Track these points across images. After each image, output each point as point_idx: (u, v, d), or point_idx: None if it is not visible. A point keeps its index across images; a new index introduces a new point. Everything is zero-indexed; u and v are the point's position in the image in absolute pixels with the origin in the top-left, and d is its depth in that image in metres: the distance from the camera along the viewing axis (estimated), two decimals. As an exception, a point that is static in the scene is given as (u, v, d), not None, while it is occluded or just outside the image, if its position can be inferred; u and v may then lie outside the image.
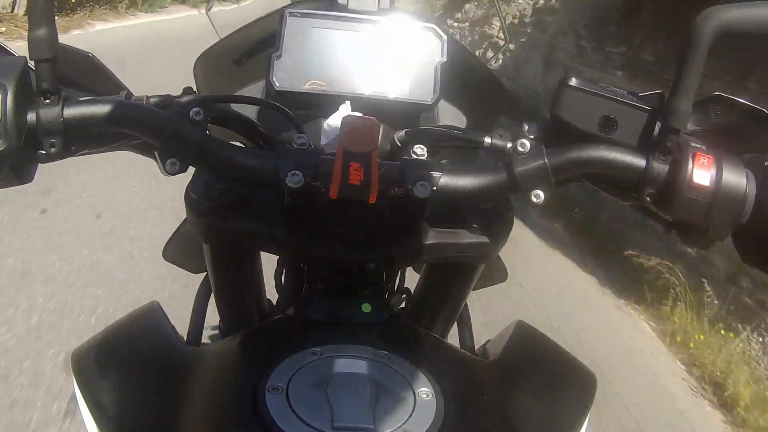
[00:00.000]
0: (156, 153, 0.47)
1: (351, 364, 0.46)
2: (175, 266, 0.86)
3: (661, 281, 3.20)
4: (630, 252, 3.49)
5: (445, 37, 0.63)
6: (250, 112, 0.61)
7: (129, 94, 0.53)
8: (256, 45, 0.70)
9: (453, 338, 0.74)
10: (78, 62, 0.54)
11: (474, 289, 0.66)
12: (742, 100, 0.52)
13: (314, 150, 0.49)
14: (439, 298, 0.64)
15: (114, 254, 2.46)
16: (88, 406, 0.49)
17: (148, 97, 0.52)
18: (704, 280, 3.23)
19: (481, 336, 0.70)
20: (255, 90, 0.69)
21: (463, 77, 0.72)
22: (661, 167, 0.47)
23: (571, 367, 0.58)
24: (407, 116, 0.62)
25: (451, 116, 0.71)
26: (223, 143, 0.48)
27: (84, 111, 0.46)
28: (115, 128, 0.47)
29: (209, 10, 0.78)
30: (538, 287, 3.04)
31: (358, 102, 0.60)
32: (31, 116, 0.44)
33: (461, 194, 0.48)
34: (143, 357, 0.55)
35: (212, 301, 0.72)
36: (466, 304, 0.72)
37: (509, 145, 0.50)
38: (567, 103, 0.49)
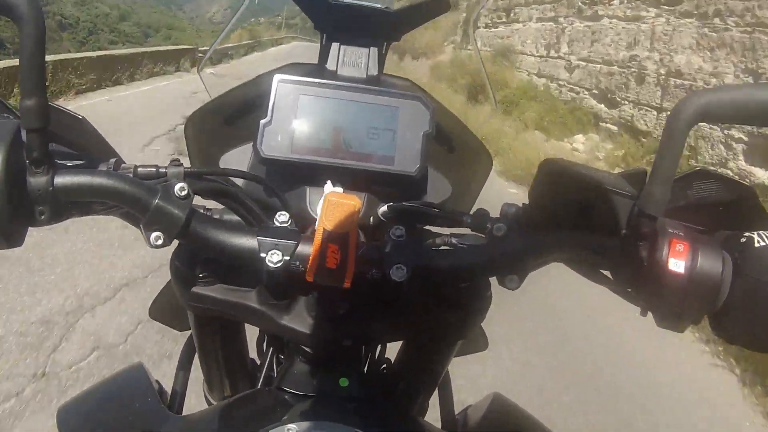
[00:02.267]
0: (141, 226, 0.47)
1: None
2: None
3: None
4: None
5: (432, 107, 0.64)
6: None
7: (119, 162, 0.54)
8: (247, 106, 0.71)
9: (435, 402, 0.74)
10: (70, 124, 0.55)
11: (455, 356, 0.66)
12: (725, 175, 0.53)
13: (294, 229, 0.50)
14: (419, 370, 0.64)
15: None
16: None
17: (136, 167, 0.53)
18: None
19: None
20: (245, 151, 0.69)
21: (450, 144, 0.73)
22: (636, 253, 0.47)
23: None
24: (392, 186, 0.63)
25: (437, 184, 0.72)
26: (206, 219, 0.49)
27: (74, 181, 0.46)
28: (103, 200, 0.48)
29: (201, 69, 0.79)
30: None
31: (343, 172, 0.61)
32: (20, 182, 0.45)
33: (437, 277, 0.49)
34: (125, 422, 0.55)
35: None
36: (447, 373, 0.72)
37: (488, 226, 0.50)
38: (545, 188, 0.50)
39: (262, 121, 0.62)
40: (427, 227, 0.67)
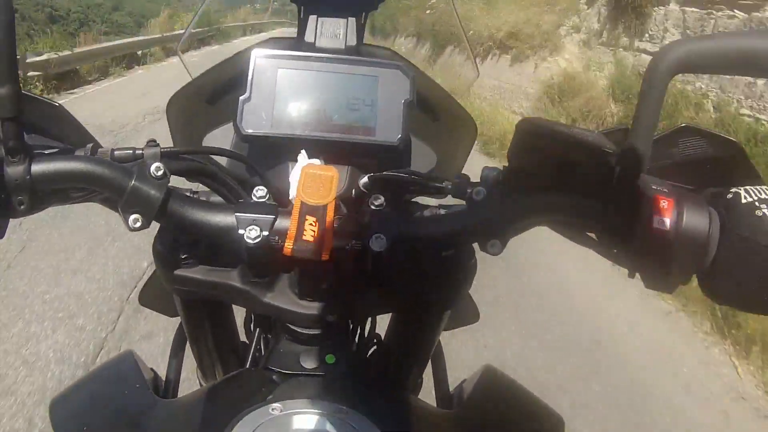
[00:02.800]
0: (119, 209, 0.47)
1: (309, 420, 0.46)
2: None
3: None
4: None
5: (412, 74, 0.63)
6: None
7: (95, 146, 0.53)
8: (227, 85, 0.70)
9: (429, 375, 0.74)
10: (45, 112, 0.55)
11: (445, 329, 0.66)
12: (711, 130, 0.52)
13: (272, 204, 0.49)
14: (409, 344, 0.64)
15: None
16: None
17: (113, 150, 0.52)
18: None
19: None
20: (227, 130, 0.69)
21: (434, 112, 0.72)
22: (620, 212, 0.46)
23: (538, 410, 0.58)
24: (375, 158, 0.62)
25: (421, 153, 0.71)
26: (184, 198, 0.49)
27: (50, 167, 0.46)
28: (81, 185, 0.48)
29: (179, 49, 0.78)
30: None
31: (325, 146, 0.60)
32: None
33: (418, 245, 0.48)
34: (117, 409, 0.56)
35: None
36: (440, 346, 0.71)
37: (468, 191, 0.50)
38: (524, 148, 0.48)
39: (241, 98, 0.61)
40: (416, 199, 0.67)
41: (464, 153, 0.74)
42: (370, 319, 0.71)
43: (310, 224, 0.45)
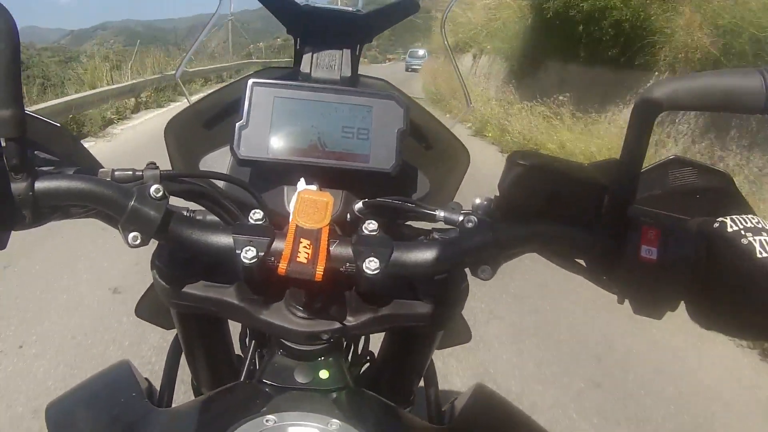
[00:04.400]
0: (119, 227, 0.49)
1: None
2: None
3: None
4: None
5: (406, 104, 0.65)
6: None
7: (97, 166, 0.55)
8: (225, 110, 0.72)
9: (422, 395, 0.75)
10: (47, 131, 0.56)
11: (438, 348, 0.67)
12: (701, 163, 0.54)
13: (268, 226, 0.51)
14: (402, 362, 0.65)
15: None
16: None
17: (113, 171, 0.54)
18: None
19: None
20: (224, 154, 0.70)
21: (428, 141, 0.74)
22: (608, 242, 0.48)
23: (529, 431, 0.59)
24: (369, 184, 0.64)
25: (414, 181, 0.73)
26: (182, 218, 0.50)
27: (53, 186, 0.48)
28: (82, 203, 0.50)
29: (178, 77, 0.80)
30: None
31: (319, 172, 0.62)
32: (2, 189, 0.46)
33: (410, 270, 0.50)
34: (112, 416, 0.57)
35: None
36: (432, 365, 0.73)
37: (460, 218, 0.51)
38: (514, 180, 0.50)
39: (238, 124, 0.62)
40: (410, 223, 0.69)
41: (456, 181, 0.76)
42: (363, 336, 0.72)
43: (305, 246, 0.47)
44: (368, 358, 0.72)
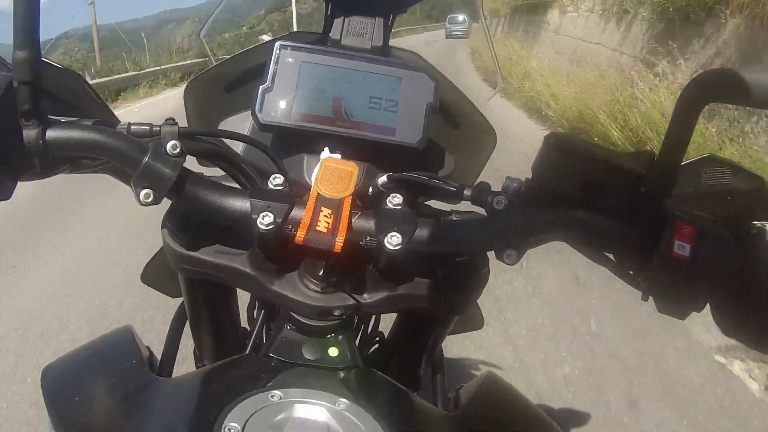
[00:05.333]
0: (131, 183, 0.47)
1: (309, 410, 0.45)
2: None
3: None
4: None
5: (437, 79, 0.63)
6: (237, 142, 0.61)
7: (113, 119, 0.53)
8: (248, 74, 0.70)
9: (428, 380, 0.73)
10: (65, 81, 0.54)
11: (449, 334, 0.65)
12: (735, 163, 0.52)
13: (288, 192, 0.49)
14: (412, 346, 0.63)
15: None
16: (53, 423, 0.49)
17: (130, 124, 0.52)
18: None
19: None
20: (244, 118, 0.68)
21: (455, 119, 0.72)
22: (641, 235, 0.46)
23: (537, 422, 0.57)
24: (394, 158, 0.62)
25: (439, 159, 0.71)
26: (198, 179, 0.48)
27: (65, 135, 0.46)
28: (94, 155, 0.48)
29: (203, 35, 0.78)
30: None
31: (343, 142, 0.60)
32: (11, 135, 0.45)
33: (434, 248, 0.48)
34: (110, 383, 0.55)
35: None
36: (441, 351, 0.70)
37: (488, 199, 0.49)
38: (549, 163, 0.48)
39: (261, 87, 0.61)
40: (428, 203, 0.66)
41: (481, 162, 0.74)
42: (374, 317, 0.70)
43: (325, 216, 0.45)
44: (377, 339, 0.70)
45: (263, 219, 0.45)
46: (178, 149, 0.47)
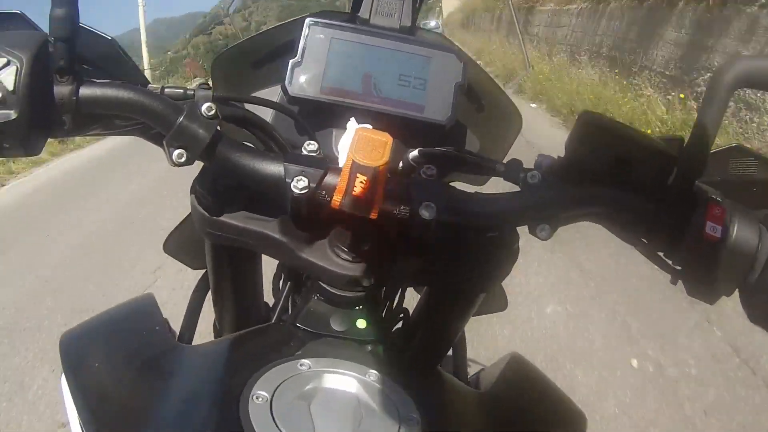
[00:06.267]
0: (164, 143, 0.47)
1: (339, 380, 0.45)
2: None
3: None
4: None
5: (465, 59, 0.63)
6: (263, 115, 0.61)
7: (145, 83, 0.53)
8: (275, 50, 0.70)
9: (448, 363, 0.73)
10: (98, 45, 0.54)
11: (473, 315, 0.65)
12: (762, 154, 0.52)
13: (323, 158, 0.49)
14: (437, 323, 0.63)
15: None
16: (70, 390, 0.49)
17: (163, 87, 0.52)
18: None
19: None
20: (269, 94, 0.68)
21: (480, 101, 0.72)
22: (672, 215, 0.46)
23: (562, 405, 0.57)
24: (421, 135, 0.62)
25: (464, 139, 0.71)
26: (232, 142, 0.48)
27: (98, 92, 0.46)
28: (127, 113, 0.48)
29: (230, 12, 0.78)
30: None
31: (372, 116, 0.60)
32: (44, 91, 0.45)
33: (467, 220, 0.48)
34: (132, 348, 0.54)
35: (209, 298, 0.72)
36: (463, 331, 0.70)
37: (521, 175, 0.49)
38: (583, 140, 0.48)
39: (292, 61, 0.61)
40: (453, 183, 0.66)
41: (507, 144, 0.74)
42: (399, 292, 0.69)
43: (361, 182, 0.45)
44: (401, 315, 0.70)
45: (297, 183, 0.45)
46: (213, 111, 0.47)
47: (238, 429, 0.39)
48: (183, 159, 0.46)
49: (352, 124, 0.56)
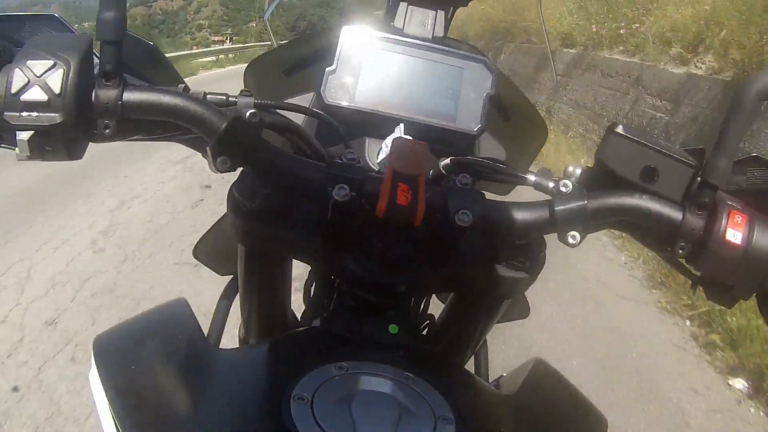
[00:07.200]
0: (208, 149, 0.47)
1: (376, 382, 0.46)
2: None
3: None
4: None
5: (495, 70, 0.65)
6: (299, 122, 0.63)
7: (187, 88, 0.54)
8: (308, 58, 0.71)
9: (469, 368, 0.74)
10: (141, 51, 0.56)
11: (497, 322, 0.66)
12: None
13: (363, 167, 0.50)
14: (462, 329, 0.64)
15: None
16: (105, 393, 0.48)
17: (206, 94, 0.53)
18: None
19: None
20: (302, 102, 0.70)
21: (508, 112, 0.73)
22: (695, 221, 0.48)
23: (584, 410, 0.58)
24: (451, 144, 0.63)
25: (491, 148, 0.72)
26: (275, 149, 0.50)
27: (143, 97, 0.47)
28: (172, 119, 0.48)
29: (266, 16, 0.80)
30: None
31: (405, 125, 0.61)
32: (89, 95, 0.45)
33: (501, 227, 0.49)
34: (167, 352, 0.54)
35: (235, 303, 0.73)
36: (485, 338, 0.71)
37: (552, 184, 0.50)
38: (612, 150, 0.49)
39: (327, 69, 0.62)
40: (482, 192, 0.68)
41: (532, 155, 0.75)
42: (425, 298, 0.71)
43: (403, 191, 0.46)
44: (428, 321, 0.71)
45: (339, 190, 0.46)
46: (258, 117, 0.48)
47: (281, 428, 0.40)
48: (227, 165, 0.47)
49: (398, 131, 0.58)
